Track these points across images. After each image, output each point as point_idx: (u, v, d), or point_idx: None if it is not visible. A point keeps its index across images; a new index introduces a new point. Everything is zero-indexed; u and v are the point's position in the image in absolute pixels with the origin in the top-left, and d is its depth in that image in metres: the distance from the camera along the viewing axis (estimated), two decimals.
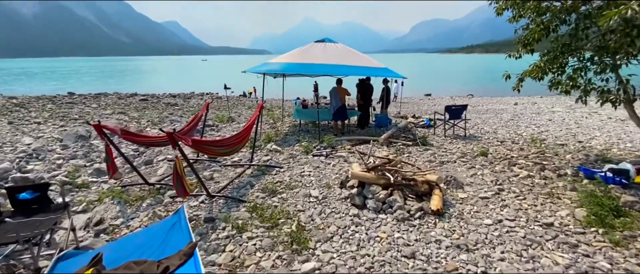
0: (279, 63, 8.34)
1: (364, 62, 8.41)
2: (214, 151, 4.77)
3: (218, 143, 4.83)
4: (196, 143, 4.17)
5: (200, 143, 4.41)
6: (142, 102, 18.50)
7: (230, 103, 18.55)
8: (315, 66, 8.08)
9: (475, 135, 9.06)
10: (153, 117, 12.85)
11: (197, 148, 4.42)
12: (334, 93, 8.67)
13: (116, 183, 5.46)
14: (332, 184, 5.19)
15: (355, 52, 9.03)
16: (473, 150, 7.30)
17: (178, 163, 3.81)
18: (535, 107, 14.96)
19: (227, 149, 4.97)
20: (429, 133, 9.20)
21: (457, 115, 8.80)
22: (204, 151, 4.72)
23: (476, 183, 5.24)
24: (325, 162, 6.35)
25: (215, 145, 4.77)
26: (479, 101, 18.63)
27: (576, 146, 7.76)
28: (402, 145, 7.55)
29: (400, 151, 6.98)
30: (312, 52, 8.71)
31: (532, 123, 10.85)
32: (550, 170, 5.85)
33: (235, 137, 5.14)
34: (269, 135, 8.28)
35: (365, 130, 9.69)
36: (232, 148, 5.09)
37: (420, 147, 7.42)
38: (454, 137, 8.62)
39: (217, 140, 4.82)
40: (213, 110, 15.19)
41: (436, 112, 9.56)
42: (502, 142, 8.12)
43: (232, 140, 5.07)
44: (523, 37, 6.12)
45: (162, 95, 22.73)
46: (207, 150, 4.63)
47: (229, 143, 4.94)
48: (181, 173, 3.86)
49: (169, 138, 3.72)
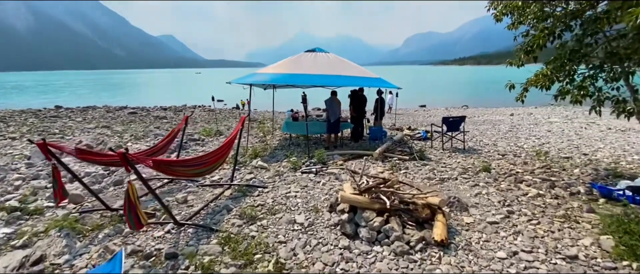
0: (266, 74, 7.76)
1: (357, 72, 7.86)
2: (183, 172, 4.09)
3: (189, 163, 4.15)
4: (159, 164, 3.51)
5: (165, 164, 3.74)
6: (130, 115, 17.79)
7: (221, 116, 17.91)
8: (306, 77, 7.51)
9: (474, 147, 8.49)
10: (138, 131, 12.14)
11: (161, 170, 3.76)
12: (333, 103, 8.16)
13: (76, 208, 4.75)
14: (320, 207, 4.53)
15: (347, 61, 8.50)
16: (474, 164, 6.70)
17: (131, 189, 3.15)
18: (532, 118, 14.51)
19: (200, 169, 4.30)
20: (426, 146, 8.62)
21: (455, 127, 8.24)
22: (170, 174, 4.03)
23: (482, 204, 4.62)
24: (314, 180, 5.70)
25: (186, 165, 4.09)
26: (474, 112, 18.19)
27: (582, 159, 7.21)
28: (398, 159, 6.94)
29: (396, 167, 6.35)
30: (302, 62, 8.15)
31: (531, 134, 10.33)
32: (560, 187, 5.26)
33: (211, 155, 4.48)
34: (255, 149, 7.63)
35: (359, 143, 9.08)
36: (207, 168, 4.42)
37: (417, 162, 6.80)
38: (453, 150, 8.04)
39: (188, 159, 4.13)
40: (202, 122, 14.53)
41: (433, 123, 9.01)
42: (504, 155, 7.55)
43: (208, 158, 4.41)
44: (525, 43, 5.62)
45: (152, 108, 22.04)
46: (174, 172, 3.94)
47: (202, 162, 4.28)
48: (135, 202, 3.19)
49: (121, 159, 3.07)
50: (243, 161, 6.86)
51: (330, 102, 8.21)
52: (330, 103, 8.17)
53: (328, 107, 8.12)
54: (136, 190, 3.24)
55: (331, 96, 8.31)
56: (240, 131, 5.52)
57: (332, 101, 8.23)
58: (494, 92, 36.66)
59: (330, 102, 8.21)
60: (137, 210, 3.26)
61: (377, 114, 9.83)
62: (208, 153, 4.50)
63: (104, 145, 8.65)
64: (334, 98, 8.28)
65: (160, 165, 3.57)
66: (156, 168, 3.57)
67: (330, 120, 8.13)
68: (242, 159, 7.14)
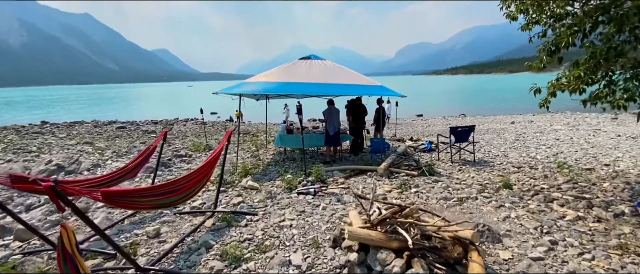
0: (257, 83, 6.94)
1: (356, 80, 7.08)
2: (148, 204, 3.18)
3: (156, 191, 3.24)
4: (111, 196, 2.62)
5: (121, 196, 2.83)
6: (118, 130, 16.81)
7: (214, 129, 17.00)
8: (300, 86, 6.70)
9: (484, 159, 7.70)
10: (122, 146, 11.17)
11: (115, 204, 2.87)
12: (332, 114, 7.39)
13: (22, 247, 3.80)
14: (321, 241, 3.64)
15: (345, 69, 7.72)
16: (491, 180, 5.88)
17: (64, 234, 2.25)
18: (534, 126, 13.83)
19: (171, 198, 3.40)
20: (432, 158, 7.81)
21: (464, 138, 7.45)
22: (130, 207, 3.11)
23: (516, 232, 3.77)
24: (313, 203, 4.81)
25: (151, 195, 3.17)
26: (473, 121, 17.52)
27: (606, 171, 6.43)
28: (405, 175, 6.10)
29: (405, 185, 5.50)
30: (296, 70, 7.35)
31: (540, 143, 9.59)
32: (599, 207, 4.44)
33: (186, 179, 3.59)
34: (246, 166, 6.73)
35: (359, 157, 8.24)
36: (180, 196, 3.52)
37: (427, 178, 5.96)
38: (463, 163, 7.23)
39: (155, 187, 3.22)
40: (193, 136, 13.59)
41: (440, 134, 8.22)
42: (520, 168, 6.75)
43: (182, 184, 3.51)
44: (549, 43, 4.88)
45: (143, 122, 21.05)
46: (136, 205, 3.03)
47: (174, 189, 3.38)
48: (72, 250, 2.29)
49: (49, 193, 2.19)
50: (231, 181, 5.96)
51: (329, 112, 7.41)
52: (329, 114, 7.37)
53: (327, 117, 7.32)
54: (73, 234, 2.34)
55: (329, 106, 7.53)
56: (225, 147, 4.65)
57: (330, 111, 7.44)
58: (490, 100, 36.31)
59: (329, 112, 7.41)
60: (77, 260, 2.35)
61: (378, 125, 9.04)
62: (183, 176, 3.61)
63: (77, 165, 7.69)
64: (332, 108, 7.50)
65: (113, 197, 2.67)
66: (108, 202, 2.68)
67: (329, 132, 7.31)
68: (230, 178, 6.23)
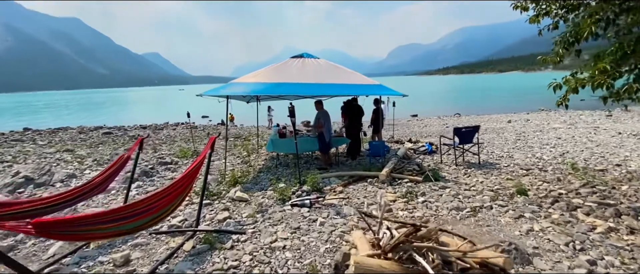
0: (246, 84, 6.32)
1: (353, 79, 6.51)
2: (101, 233, 2.50)
3: (115, 215, 2.57)
4: (46, 228, 1.98)
5: (62, 226, 2.17)
6: (104, 136, 15.97)
7: (205, 133, 16.28)
8: (292, 86, 6.10)
9: (489, 161, 7.20)
10: (105, 154, 10.41)
11: (54, 237, 2.24)
12: (328, 117, 6.84)
13: None
14: (320, 267, 3.04)
15: (341, 67, 7.15)
16: (502, 185, 5.35)
17: None
18: (533, 124, 13.46)
19: (136, 221, 2.76)
20: (434, 161, 7.28)
21: (468, 139, 6.93)
22: (77, 239, 2.42)
23: (545, 250, 3.23)
24: (309, 217, 4.21)
25: (108, 221, 2.50)
26: (469, 120, 17.13)
27: (619, 172, 5.98)
28: (409, 181, 5.53)
29: (412, 194, 4.92)
30: (287, 69, 6.76)
31: (543, 143, 9.15)
32: (628, 215, 3.94)
33: (157, 196, 2.97)
34: (234, 175, 6.09)
35: (357, 161, 7.67)
36: (148, 218, 2.89)
37: (433, 184, 5.41)
38: (467, 166, 6.72)
39: (115, 210, 2.55)
40: (182, 141, 12.88)
41: (442, 135, 7.69)
42: (528, 171, 6.25)
43: (151, 203, 2.89)
44: (567, 34, 4.37)
45: (131, 127, 20.19)
46: (85, 235, 2.35)
47: (140, 211, 2.75)
48: None
49: None
50: (217, 193, 5.31)
51: (325, 115, 6.83)
52: (325, 117, 6.78)
53: (324, 121, 6.73)
54: None
55: (322, 109, 6.98)
56: (208, 155, 4.03)
57: (326, 114, 6.87)
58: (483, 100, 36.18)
59: (325, 115, 6.83)
60: None
61: (376, 126, 8.49)
62: (153, 194, 2.98)
63: (49, 176, 6.95)
64: (326, 111, 6.96)
65: (50, 229, 2.03)
66: (44, 235, 2.05)
67: (324, 137, 6.74)
68: (216, 189, 5.59)
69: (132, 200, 4.50)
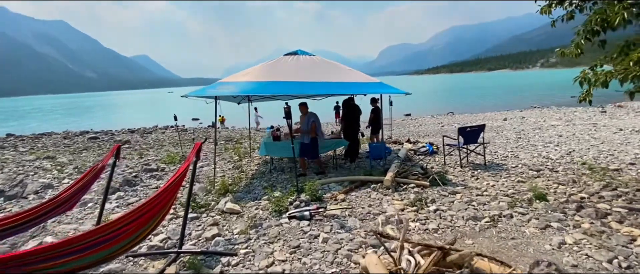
0: (235, 84, 5.74)
1: (352, 77, 5.99)
2: (60, 269, 1.96)
3: (75, 245, 2.00)
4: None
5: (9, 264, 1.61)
6: (90, 141, 15.16)
7: (195, 136, 15.60)
8: (287, 85, 5.56)
9: (495, 161, 6.77)
10: (88, 160, 9.70)
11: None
12: (318, 120, 6.24)
13: None
14: None
15: (338, 64, 6.63)
16: (515, 188, 4.90)
17: None
18: (530, 122, 13.16)
19: (103, 251, 2.19)
20: (438, 162, 6.83)
21: (473, 139, 6.49)
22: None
23: (586, 268, 2.75)
24: (310, 233, 3.67)
25: (67, 253, 1.93)
26: (463, 119, 16.82)
27: (636, 171, 5.59)
28: (415, 186, 5.04)
29: (421, 201, 4.42)
30: (281, 67, 6.20)
31: (546, 141, 8.77)
32: None
33: (129, 216, 2.40)
34: (225, 182, 5.50)
35: (356, 163, 7.17)
36: (120, 244, 2.31)
37: (442, 189, 4.93)
38: (473, 168, 6.27)
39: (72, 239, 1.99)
40: (171, 145, 12.21)
41: (445, 135, 7.24)
42: (539, 171, 5.82)
43: (122, 225, 2.32)
44: (592, 21, 3.90)
45: (118, 131, 19.35)
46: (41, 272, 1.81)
47: (109, 236, 2.18)
48: None
49: None
50: (205, 205, 4.72)
51: (316, 118, 6.24)
52: (317, 120, 6.18)
53: (318, 124, 6.15)
54: None
55: (308, 111, 6.25)
56: (193, 164, 3.46)
57: (316, 117, 6.26)
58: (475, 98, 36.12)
59: (316, 118, 6.24)
60: None
61: (375, 127, 8.00)
62: (128, 213, 2.41)
63: (22, 187, 6.25)
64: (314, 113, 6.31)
65: None
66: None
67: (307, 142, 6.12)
68: (204, 199, 5.01)
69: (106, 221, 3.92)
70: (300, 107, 6.29)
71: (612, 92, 4.22)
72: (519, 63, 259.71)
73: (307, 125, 6.08)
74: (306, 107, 6.27)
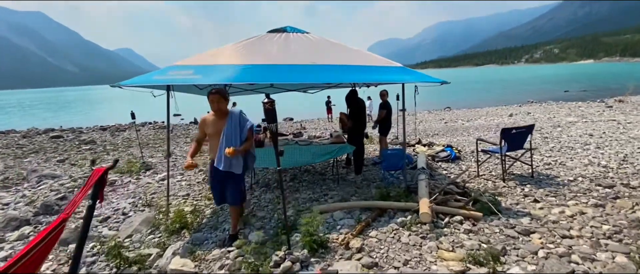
0: (197, 68, 3.82)
1: (367, 59, 4.18)
2: None
3: None
4: None
5: None
6: (51, 140, 12.91)
7: (173, 134, 13.53)
8: (272, 70, 3.72)
9: (538, 170, 5.14)
10: (28, 168, 7.60)
11: None
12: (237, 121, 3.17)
13: None
14: None
15: (340, 43, 4.76)
16: (606, 218, 3.24)
17: None
18: (543, 118, 11.69)
19: None
20: (459, 169, 5.15)
21: (519, 144, 4.80)
22: None
23: None
24: None
25: None
26: (466, 114, 15.29)
27: None
28: (465, 219, 3.31)
29: (488, 253, 2.67)
30: (264, 47, 4.31)
31: (580, 142, 7.18)
32: None
33: None
34: (181, 213, 3.62)
35: (363, 176, 5.39)
36: None
37: (504, 223, 3.22)
38: (519, 181, 4.60)
39: None
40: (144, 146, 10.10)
41: (481, 139, 5.55)
42: (612, 188, 4.19)
43: None
44: None
45: (88, 129, 17.04)
46: None
47: None
48: None
49: None
50: (139, 259, 2.83)
51: (246, 118, 3.19)
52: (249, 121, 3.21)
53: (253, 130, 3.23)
54: None
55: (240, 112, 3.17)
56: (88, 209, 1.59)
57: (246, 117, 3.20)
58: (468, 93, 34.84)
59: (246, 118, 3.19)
60: None
61: (387, 127, 6.27)
62: None
63: None
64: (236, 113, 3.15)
65: None
66: None
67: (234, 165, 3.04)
68: (144, 245, 3.14)
69: None
70: (213, 97, 2.96)
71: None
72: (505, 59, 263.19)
73: (234, 133, 2.98)
74: (225, 99, 3.02)
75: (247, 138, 3.06)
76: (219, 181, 3.10)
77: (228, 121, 2.99)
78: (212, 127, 3.04)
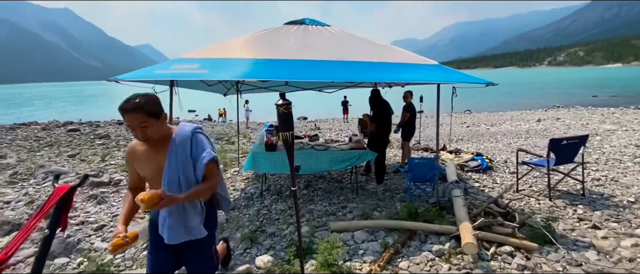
0: (204, 62, 3.35)
1: (391, 55, 3.62)
2: None
3: None
4: None
5: None
6: (69, 134, 12.91)
7: None
8: (290, 65, 3.23)
9: (593, 189, 4.44)
10: (40, 161, 7.42)
11: None
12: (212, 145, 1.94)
13: None
14: None
15: (364, 38, 4.21)
16: None
17: None
18: (576, 125, 10.75)
19: None
20: (495, 182, 4.51)
21: (570, 156, 4.13)
22: None
23: None
24: None
25: None
26: (488, 118, 14.40)
27: None
28: (515, 247, 2.72)
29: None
30: (279, 39, 3.82)
31: (628, 154, 6.38)
32: None
33: None
34: None
35: (385, 185, 4.83)
36: None
37: (564, 257, 2.61)
38: (568, 200, 3.94)
39: None
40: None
41: (522, 149, 4.89)
42: None
43: None
44: None
45: (105, 123, 17.10)
46: None
47: None
48: None
49: None
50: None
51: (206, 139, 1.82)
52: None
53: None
54: None
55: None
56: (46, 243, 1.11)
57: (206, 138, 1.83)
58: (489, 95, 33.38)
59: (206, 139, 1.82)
60: None
61: (410, 132, 5.68)
62: None
63: None
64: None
65: None
66: None
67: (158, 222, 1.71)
68: (134, 266, 2.71)
69: None
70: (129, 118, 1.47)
71: None
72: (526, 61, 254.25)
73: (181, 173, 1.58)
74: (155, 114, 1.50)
75: (205, 177, 1.63)
76: (169, 256, 1.68)
77: (169, 154, 1.56)
78: (146, 164, 1.61)
